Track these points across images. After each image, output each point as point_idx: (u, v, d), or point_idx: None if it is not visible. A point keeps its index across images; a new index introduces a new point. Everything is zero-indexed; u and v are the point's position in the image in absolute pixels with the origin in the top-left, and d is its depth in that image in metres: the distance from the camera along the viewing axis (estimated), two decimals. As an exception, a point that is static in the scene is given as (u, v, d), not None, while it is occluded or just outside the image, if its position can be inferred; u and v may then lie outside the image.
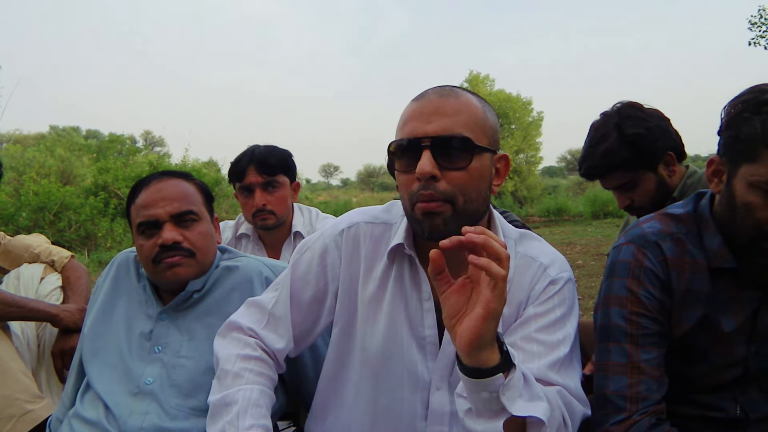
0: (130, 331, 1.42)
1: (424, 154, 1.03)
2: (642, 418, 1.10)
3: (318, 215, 2.34)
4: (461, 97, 1.09)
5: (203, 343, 1.37)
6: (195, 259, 1.40)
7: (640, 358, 1.15)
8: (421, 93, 1.13)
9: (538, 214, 17.77)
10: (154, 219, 1.37)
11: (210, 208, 1.51)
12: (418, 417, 1.17)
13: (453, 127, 1.04)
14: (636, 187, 1.85)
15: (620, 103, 1.86)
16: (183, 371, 1.35)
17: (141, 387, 1.33)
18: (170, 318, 1.42)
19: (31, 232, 2.70)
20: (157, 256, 1.37)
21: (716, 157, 1.18)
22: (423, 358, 1.17)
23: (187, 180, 1.47)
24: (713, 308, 1.20)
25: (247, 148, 2.21)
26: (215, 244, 1.50)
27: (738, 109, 1.11)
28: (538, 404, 0.92)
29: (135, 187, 1.45)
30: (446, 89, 1.10)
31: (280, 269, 1.50)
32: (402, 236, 1.17)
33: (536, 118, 25.06)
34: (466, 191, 1.05)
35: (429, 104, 1.07)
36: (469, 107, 1.08)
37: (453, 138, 1.03)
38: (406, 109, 1.12)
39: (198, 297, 1.43)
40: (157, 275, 1.40)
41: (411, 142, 1.05)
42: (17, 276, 2.02)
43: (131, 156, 14.06)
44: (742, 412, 1.22)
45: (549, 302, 1.12)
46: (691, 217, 1.24)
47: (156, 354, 1.38)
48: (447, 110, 1.06)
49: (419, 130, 1.05)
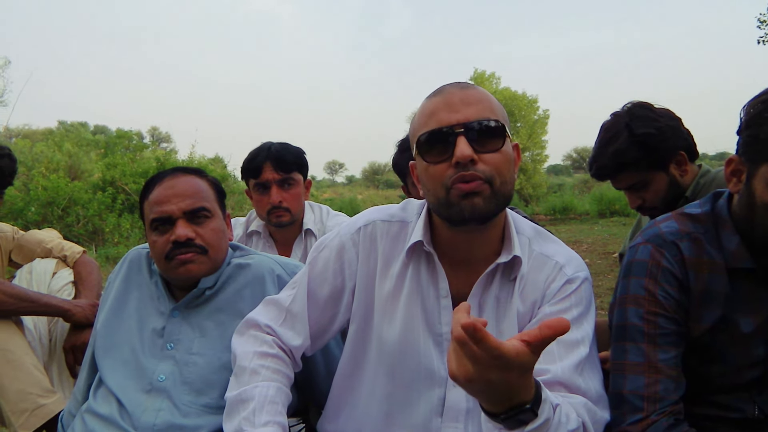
0: (142, 327, 1.42)
1: (460, 140, 1.05)
2: (659, 418, 1.10)
3: (329, 213, 2.33)
4: (479, 88, 1.13)
5: (215, 341, 1.37)
6: (207, 256, 1.39)
7: (657, 358, 1.15)
8: (437, 89, 1.15)
9: (543, 213, 17.71)
10: (167, 215, 1.37)
11: (222, 204, 1.51)
12: (433, 414, 1.17)
13: (482, 113, 1.08)
14: (647, 187, 1.84)
15: (630, 103, 1.85)
16: (195, 368, 1.35)
17: (154, 384, 1.33)
18: (182, 315, 1.42)
19: (40, 227, 2.70)
20: (169, 252, 1.36)
21: (735, 156, 1.17)
22: (440, 354, 1.17)
23: (200, 176, 1.47)
24: (731, 308, 1.19)
25: (262, 145, 2.20)
26: (227, 241, 1.49)
27: (758, 109, 1.10)
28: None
29: (148, 183, 1.45)
30: (463, 83, 1.14)
31: (292, 267, 1.50)
32: (420, 233, 1.17)
33: (542, 116, 24.94)
34: (501, 172, 1.08)
35: (452, 96, 1.10)
36: (489, 96, 1.12)
37: (486, 122, 1.07)
38: (425, 105, 1.13)
39: (210, 294, 1.43)
40: (170, 272, 1.40)
41: (443, 131, 1.07)
42: (30, 271, 2.03)
43: (138, 152, 14.08)
44: (761, 412, 1.22)
45: (566, 301, 1.12)
46: (709, 217, 1.23)
47: (168, 351, 1.38)
48: (471, 99, 1.09)
49: (449, 119, 1.07)
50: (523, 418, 0.83)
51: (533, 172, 23.79)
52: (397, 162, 2.14)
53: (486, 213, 1.07)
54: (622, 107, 1.85)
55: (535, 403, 0.84)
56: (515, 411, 0.82)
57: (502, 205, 1.10)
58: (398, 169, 2.16)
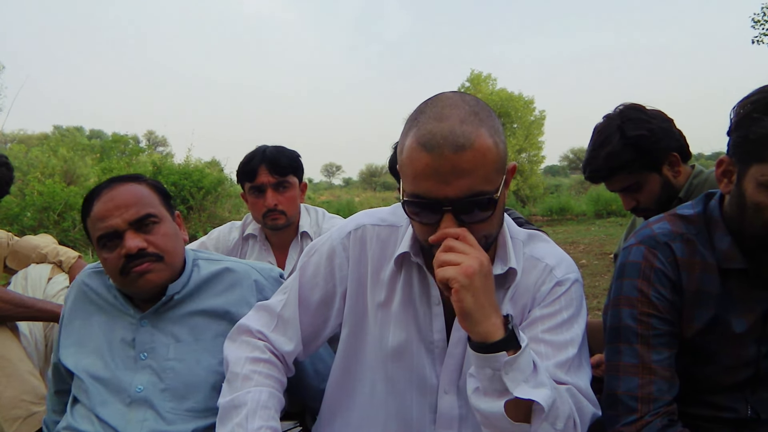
0: (111, 342, 1.38)
1: (447, 217, 0.99)
2: (654, 419, 1.10)
3: (324, 215, 2.34)
4: (475, 143, 0.96)
5: (191, 345, 1.35)
6: (164, 262, 1.34)
7: (651, 359, 1.15)
8: (429, 139, 0.96)
9: (540, 214, 17.74)
10: (112, 230, 1.30)
11: (169, 206, 1.44)
12: (427, 421, 1.18)
13: (473, 186, 0.97)
14: (641, 189, 1.85)
15: (623, 105, 1.86)
16: (174, 374, 1.32)
17: (133, 396, 1.31)
18: (152, 323, 1.38)
19: (36, 232, 2.71)
20: (124, 267, 1.30)
21: (726, 157, 1.18)
22: (431, 362, 1.17)
23: (139, 182, 1.39)
24: (724, 309, 1.20)
25: (257, 148, 2.20)
26: (182, 243, 1.44)
27: (747, 110, 1.11)
28: (541, 390, 0.94)
29: (87, 199, 1.37)
30: (459, 139, 0.95)
31: (268, 271, 1.49)
32: (408, 244, 1.16)
33: (538, 117, 25.02)
34: (489, 235, 1.05)
35: (445, 162, 0.95)
36: (485, 155, 0.97)
37: (475, 198, 0.98)
38: (414, 157, 0.98)
39: (179, 298, 1.39)
40: (129, 286, 1.34)
41: (430, 203, 1.00)
42: (25, 276, 2.04)
43: (134, 156, 14.05)
44: (754, 412, 1.22)
45: (556, 303, 1.12)
46: (701, 218, 1.24)
47: (143, 361, 1.34)
48: (464, 167, 0.96)
49: (437, 191, 0.97)
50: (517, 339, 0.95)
51: (530, 173, 23.84)
52: (394, 164, 2.13)
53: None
54: (614, 109, 1.86)
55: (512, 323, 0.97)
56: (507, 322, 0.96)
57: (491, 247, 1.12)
58: (394, 171, 2.15)
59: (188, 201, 11.30)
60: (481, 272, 0.95)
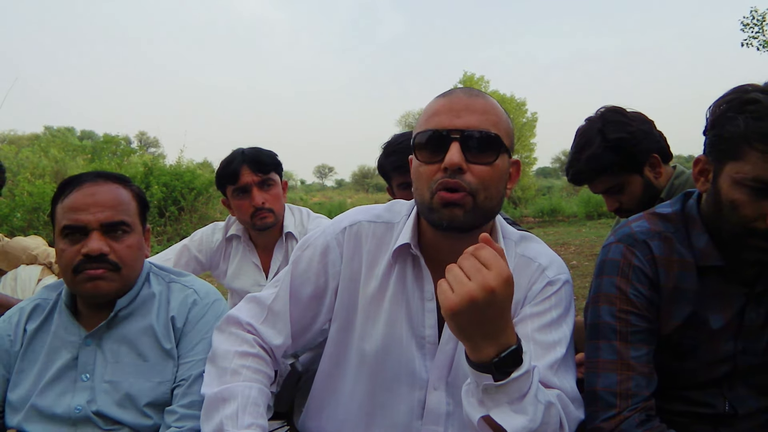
0: (49, 369, 1.31)
1: (453, 145, 1.05)
2: (632, 414, 1.12)
3: (309, 215, 2.32)
4: (489, 99, 1.13)
5: (127, 367, 1.30)
6: (119, 273, 1.29)
7: (629, 355, 1.17)
8: (448, 91, 1.15)
9: (532, 215, 17.81)
10: (81, 225, 1.26)
11: (144, 218, 1.40)
12: (414, 416, 1.19)
13: (482, 124, 1.07)
14: (623, 191, 1.88)
15: (603, 108, 1.89)
16: (107, 397, 1.27)
17: (73, 416, 1.27)
18: (95, 342, 1.32)
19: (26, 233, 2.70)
20: (79, 265, 1.25)
21: (702, 156, 1.21)
22: (422, 357, 1.19)
23: (124, 186, 1.35)
24: (701, 306, 1.22)
25: (235, 151, 2.18)
26: (143, 259, 1.39)
27: (722, 109, 1.14)
28: (518, 418, 0.92)
29: (64, 185, 1.32)
30: (474, 90, 1.13)
31: (212, 293, 1.43)
32: (408, 236, 1.17)
33: (530, 119, 25.15)
34: (488, 187, 1.07)
35: (459, 100, 1.10)
36: (496, 109, 1.12)
37: (483, 133, 1.06)
38: (431, 105, 1.13)
39: (124, 315, 1.34)
40: (76, 285, 1.29)
41: (439, 134, 1.07)
42: (15, 277, 2.03)
43: (126, 157, 13.99)
44: (731, 408, 1.24)
45: (546, 302, 1.14)
46: (679, 216, 1.26)
47: (83, 382, 1.29)
48: (476, 108, 1.09)
49: (449, 123, 1.07)
50: (512, 360, 0.91)
51: (522, 174, 23.88)
52: (382, 164, 2.12)
53: (464, 225, 1.07)
54: (595, 112, 1.89)
55: (520, 348, 0.93)
56: (504, 351, 0.90)
57: (483, 219, 1.11)
58: (383, 172, 2.14)
59: (179, 202, 11.26)
60: (483, 301, 0.88)
